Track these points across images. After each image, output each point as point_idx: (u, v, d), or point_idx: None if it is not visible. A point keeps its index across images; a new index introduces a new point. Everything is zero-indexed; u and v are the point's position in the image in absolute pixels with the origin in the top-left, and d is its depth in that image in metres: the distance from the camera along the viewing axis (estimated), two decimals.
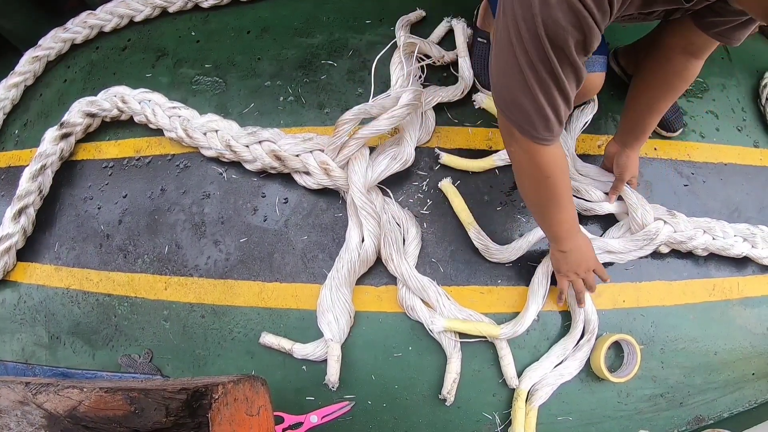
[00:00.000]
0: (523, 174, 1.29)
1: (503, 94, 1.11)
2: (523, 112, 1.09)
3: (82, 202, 1.95)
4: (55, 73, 2.23)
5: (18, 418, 1.00)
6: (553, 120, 1.10)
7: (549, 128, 1.12)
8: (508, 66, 1.04)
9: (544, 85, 1.03)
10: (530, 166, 1.23)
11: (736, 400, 1.72)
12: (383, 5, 2.05)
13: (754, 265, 1.80)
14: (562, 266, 1.54)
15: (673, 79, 1.42)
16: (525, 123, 1.12)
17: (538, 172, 1.23)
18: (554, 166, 1.23)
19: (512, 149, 1.23)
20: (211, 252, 1.79)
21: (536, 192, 1.32)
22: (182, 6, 2.15)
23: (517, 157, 1.24)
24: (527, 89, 1.04)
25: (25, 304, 1.90)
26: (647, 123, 1.56)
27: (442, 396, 1.58)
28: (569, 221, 1.43)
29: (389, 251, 1.63)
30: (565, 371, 1.60)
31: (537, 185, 1.28)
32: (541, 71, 1.00)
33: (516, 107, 1.10)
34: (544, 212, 1.40)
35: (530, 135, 1.14)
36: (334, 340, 1.60)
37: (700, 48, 1.33)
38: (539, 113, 1.08)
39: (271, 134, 1.74)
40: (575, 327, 1.64)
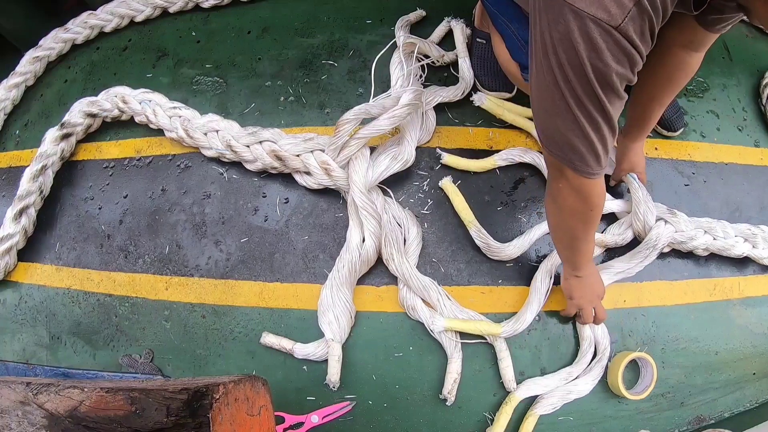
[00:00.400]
0: (566, 208, 1.28)
1: (552, 135, 1.11)
2: (576, 151, 1.10)
3: (83, 202, 1.95)
4: (56, 74, 2.23)
5: (19, 418, 1.00)
6: (603, 154, 1.11)
7: (600, 163, 1.13)
8: (555, 107, 1.04)
9: (595, 124, 1.03)
10: (578, 201, 1.23)
11: (737, 400, 1.72)
12: (383, 5, 2.05)
13: (755, 265, 1.80)
14: (576, 292, 1.55)
15: (675, 73, 1.43)
16: (578, 161, 1.12)
17: (585, 206, 1.25)
18: (599, 199, 1.25)
19: (561, 185, 1.23)
20: (212, 252, 1.79)
21: (575, 224, 1.33)
22: (183, 6, 2.15)
23: (564, 194, 1.24)
24: (579, 129, 1.05)
25: (26, 304, 1.90)
26: (650, 115, 1.57)
27: (442, 396, 1.58)
28: (591, 249, 1.46)
29: (390, 251, 1.63)
30: (574, 389, 1.60)
31: (579, 217, 1.30)
32: (591, 111, 1.01)
33: (568, 147, 1.10)
34: (573, 242, 1.41)
35: (582, 171, 1.15)
36: (334, 340, 1.60)
37: (701, 43, 1.34)
38: (592, 150, 1.09)
39: (271, 134, 1.74)
40: (584, 355, 1.63)
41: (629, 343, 1.69)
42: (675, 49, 1.37)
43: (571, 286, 1.56)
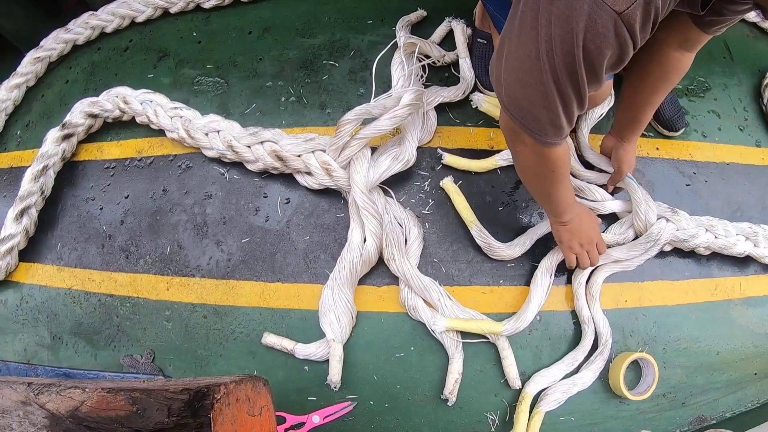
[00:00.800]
0: (527, 170, 1.33)
1: (520, 103, 1.10)
2: (538, 121, 1.11)
3: (84, 202, 1.95)
4: (57, 74, 2.24)
5: (20, 418, 1.00)
6: (566, 127, 1.12)
7: (560, 135, 1.14)
8: (531, 78, 1.03)
9: (566, 100, 1.04)
10: (538, 163, 1.25)
11: (738, 400, 1.71)
12: (384, 5, 2.05)
13: (756, 265, 1.80)
14: (564, 236, 1.56)
15: (669, 74, 1.43)
16: (538, 131, 1.13)
17: (546, 168, 1.27)
18: (560, 161, 1.26)
19: (518, 149, 1.25)
20: (213, 252, 1.79)
21: (540, 182, 1.36)
22: (184, 7, 2.15)
23: (524, 156, 1.26)
24: (548, 104, 1.05)
25: (27, 304, 1.90)
26: (643, 116, 1.58)
27: (444, 396, 1.58)
28: (568, 197, 1.47)
29: (391, 251, 1.63)
30: (579, 381, 1.60)
31: (542, 177, 1.32)
32: (567, 88, 1.01)
33: (532, 117, 1.11)
34: (545, 195, 1.44)
35: (541, 141, 1.16)
36: (336, 341, 1.60)
37: (696, 43, 1.34)
38: (555, 124, 1.10)
39: (272, 134, 1.74)
40: (585, 339, 1.64)
41: (630, 344, 1.68)
42: (668, 49, 1.37)
43: (558, 231, 1.58)
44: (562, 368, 1.62)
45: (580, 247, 1.57)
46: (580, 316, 1.66)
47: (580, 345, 1.64)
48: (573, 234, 1.55)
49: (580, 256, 1.58)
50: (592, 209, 1.71)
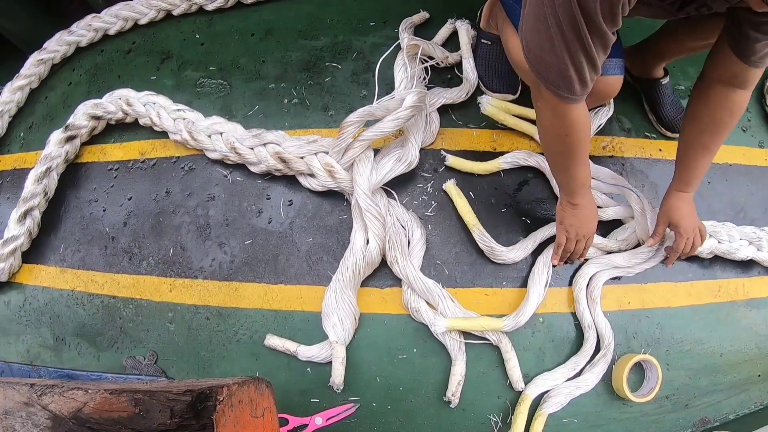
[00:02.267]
0: (546, 127, 1.35)
1: (534, 50, 1.15)
2: (550, 69, 1.15)
3: (87, 204, 1.96)
4: (60, 76, 2.24)
5: (23, 419, 1.00)
6: (576, 80, 1.15)
7: (571, 88, 1.17)
8: (538, 23, 1.08)
9: (570, 47, 1.08)
10: (553, 121, 1.29)
11: (741, 402, 1.71)
12: (387, 7, 2.05)
13: (759, 267, 1.80)
14: (568, 219, 1.54)
15: (719, 112, 1.39)
16: (551, 80, 1.18)
17: (561, 128, 1.29)
18: (576, 125, 1.28)
19: (539, 104, 1.31)
20: (216, 254, 1.79)
21: (556, 145, 1.38)
22: (186, 9, 2.15)
23: (542, 112, 1.31)
24: (555, 49, 1.09)
25: (30, 305, 1.90)
26: (696, 163, 1.51)
27: (446, 398, 1.58)
28: (584, 178, 1.46)
29: (394, 253, 1.63)
30: (582, 384, 1.60)
31: (558, 140, 1.34)
32: (569, 33, 1.05)
33: (543, 64, 1.15)
34: (561, 163, 1.44)
35: (554, 92, 1.20)
36: (338, 342, 1.60)
37: (744, 79, 1.32)
38: (563, 73, 1.14)
39: (275, 136, 1.74)
40: (586, 343, 1.64)
41: (634, 345, 1.68)
42: (718, 86, 1.36)
43: (564, 213, 1.54)
44: (564, 372, 1.61)
45: (576, 236, 1.55)
46: (581, 321, 1.66)
47: (582, 349, 1.63)
48: (576, 220, 1.53)
49: (570, 242, 1.56)
50: None
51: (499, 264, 1.71)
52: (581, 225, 1.54)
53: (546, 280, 1.64)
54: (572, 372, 1.62)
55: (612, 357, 1.63)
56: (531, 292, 1.63)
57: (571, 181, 1.46)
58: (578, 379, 1.61)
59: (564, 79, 1.15)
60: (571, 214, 1.53)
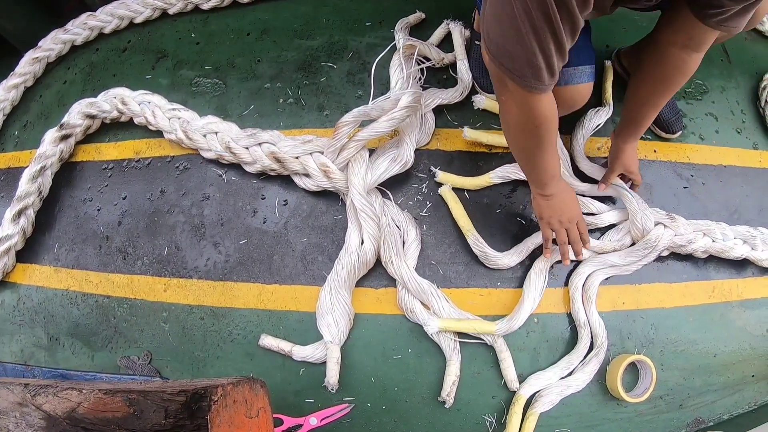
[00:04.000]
0: (512, 122, 1.29)
1: (496, 40, 1.11)
2: (516, 59, 1.10)
3: (82, 203, 1.95)
4: (55, 75, 2.23)
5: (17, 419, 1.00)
6: (544, 69, 1.10)
7: (539, 77, 1.12)
8: (503, 12, 1.03)
9: (539, 33, 1.02)
10: (521, 114, 1.24)
11: (735, 402, 1.72)
12: (383, 7, 2.05)
13: (753, 267, 1.80)
14: (545, 211, 1.54)
15: (673, 74, 1.41)
16: (517, 71, 1.12)
17: (528, 121, 1.25)
18: (545, 115, 1.24)
19: (503, 98, 1.25)
20: (211, 254, 1.79)
21: (524, 139, 1.34)
22: (182, 8, 2.15)
23: (507, 106, 1.25)
24: (521, 36, 1.04)
25: (24, 305, 1.90)
26: (644, 117, 1.56)
27: (441, 398, 1.58)
28: (553, 167, 1.45)
29: (389, 253, 1.64)
30: (573, 383, 1.60)
31: (526, 133, 1.30)
32: (537, 18, 1.00)
33: (508, 55, 1.10)
34: (529, 157, 1.41)
35: (522, 83, 1.14)
36: (333, 342, 1.60)
37: (700, 41, 1.32)
38: (531, 61, 1.08)
39: (270, 136, 1.74)
40: (581, 342, 1.64)
41: (628, 346, 1.69)
42: (674, 51, 1.36)
43: (539, 206, 1.55)
44: (557, 371, 1.62)
45: (560, 225, 1.54)
46: (576, 320, 1.66)
47: (576, 348, 1.64)
48: (554, 210, 1.53)
49: (558, 233, 1.56)
50: (589, 223, 1.71)
51: (492, 267, 1.71)
52: (562, 212, 1.53)
53: (542, 285, 1.64)
54: (565, 371, 1.62)
55: (605, 356, 1.63)
56: (526, 296, 1.63)
57: (542, 174, 1.45)
58: (569, 378, 1.61)
59: (532, 68, 1.10)
60: (547, 205, 1.52)
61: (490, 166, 1.78)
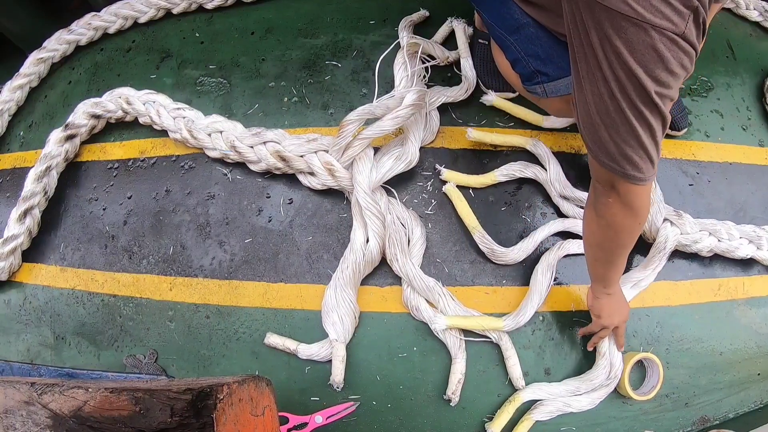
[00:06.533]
0: (615, 225, 1.23)
1: (606, 147, 1.06)
2: (631, 161, 1.06)
3: (87, 203, 1.96)
4: (60, 75, 2.24)
5: (23, 418, 1.00)
6: (657, 157, 1.08)
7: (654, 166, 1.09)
8: (610, 119, 1.01)
9: (652, 130, 1.01)
10: (628, 215, 1.19)
11: (741, 401, 1.71)
12: (387, 6, 2.05)
13: (759, 265, 1.80)
14: (605, 310, 1.51)
15: None
16: (632, 170, 1.08)
17: (635, 220, 1.21)
18: (648, 208, 1.22)
19: (611, 200, 1.18)
20: (216, 253, 1.79)
21: (621, 241, 1.29)
22: (186, 7, 2.15)
23: (614, 209, 1.19)
24: (636, 139, 1.02)
25: (30, 304, 1.90)
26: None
27: (446, 396, 1.58)
28: (623, 268, 1.42)
29: (394, 251, 1.63)
30: (576, 404, 1.59)
31: (626, 233, 1.25)
32: (649, 119, 0.99)
33: (623, 158, 1.06)
34: (613, 260, 1.37)
35: (636, 180, 1.09)
36: (338, 341, 1.60)
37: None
38: (648, 157, 1.06)
39: (275, 135, 1.74)
40: (597, 369, 1.61)
41: (633, 344, 1.68)
42: None
43: (601, 305, 1.51)
44: (562, 390, 1.60)
45: (615, 323, 1.53)
46: (598, 348, 1.63)
47: (588, 374, 1.62)
48: (615, 307, 1.50)
49: (617, 333, 1.55)
50: None
51: (499, 264, 1.71)
52: (620, 310, 1.52)
53: (549, 281, 1.64)
54: (569, 394, 1.61)
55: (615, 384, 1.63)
56: (532, 292, 1.63)
57: (615, 273, 1.42)
58: (574, 398, 1.60)
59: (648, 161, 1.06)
60: (608, 302, 1.50)
61: (496, 164, 1.77)
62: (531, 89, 1.56)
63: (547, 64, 1.48)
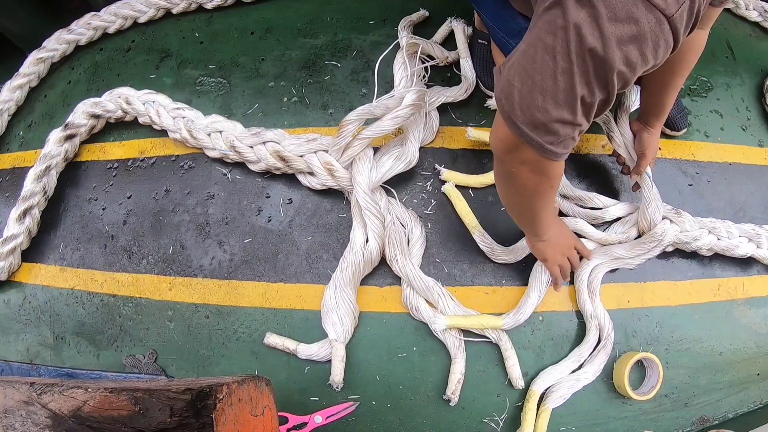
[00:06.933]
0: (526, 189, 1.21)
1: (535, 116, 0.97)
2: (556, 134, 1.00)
3: (87, 203, 1.96)
4: (60, 75, 2.24)
5: (23, 418, 1.00)
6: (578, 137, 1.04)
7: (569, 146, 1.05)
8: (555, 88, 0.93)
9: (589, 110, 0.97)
10: (538, 181, 1.16)
11: (740, 401, 1.71)
12: (387, 6, 2.05)
13: (759, 265, 1.80)
14: (548, 253, 1.54)
15: (686, 53, 1.41)
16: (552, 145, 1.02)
17: (547, 184, 1.19)
18: (560, 175, 1.21)
19: (515, 169, 1.13)
20: (216, 252, 1.79)
21: (534, 202, 1.29)
22: (186, 7, 2.15)
23: (524, 175, 1.14)
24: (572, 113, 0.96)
25: (30, 304, 1.90)
26: (666, 99, 1.57)
27: (446, 396, 1.58)
28: (552, 216, 1.46)
29: (393, 252, 1.63)
30: (582, 376, 1.60)
31: (538, 196, 1.25)
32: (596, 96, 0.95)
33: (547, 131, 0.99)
34: (532, 216, 1.39)
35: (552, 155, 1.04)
36: (338, 341, 1.60)
37: (708, 18, 1.32)
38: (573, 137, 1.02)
39: (275, 135, 1.74)
40: (589, 333, 1.64)
41: (633, 344, 1.68)
42: None
43: (540, 251, 1.54)
44: (569, 365, 1.61)
45: (563, 258, 1.55)
46: (583, 311, 1.65)
47: (585, 340, 1.64)
48: (554, 248, 1.53)
49: (563, 267, 1.56)
50: (596, 218, 1.71)
51: (499, 262, 1.71)
52: (561, 246, 1.55)
53: (547, 279, 1.64)
54: (575, 364, 1.62)
55: (612, 351, 1.63)
56: (531, 290, 1.63)
57: (541, 225, 1.44)
58: (579, 372, 1.61)
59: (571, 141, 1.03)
60: (546, 247, 1.53)
61: None
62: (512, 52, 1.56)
63: None
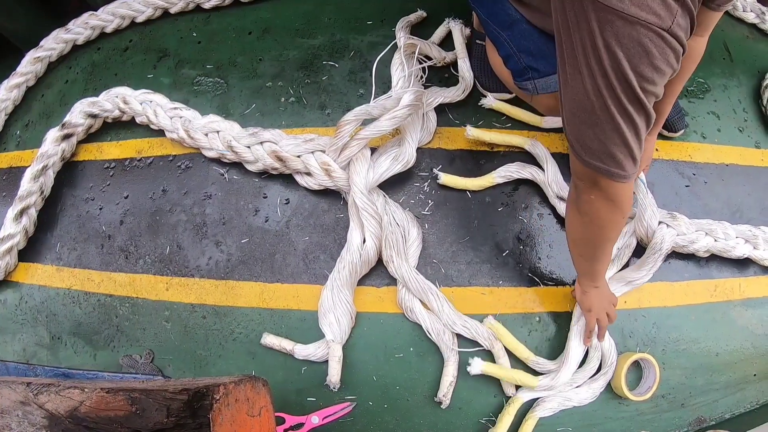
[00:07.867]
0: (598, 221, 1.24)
1: (590, 145, 1.07)
2: (615, 158, 1.06)
3: (84, 202, 1.95)
4: (57, 74, 2.23)
5: (19, 418, 1.00)
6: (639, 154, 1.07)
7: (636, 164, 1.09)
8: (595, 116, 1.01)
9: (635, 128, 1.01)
10: (610, 210, 1.20)
11: (737, 401, 1.72)
12: (384, 6, 2.05)
13: (755, 266, 1.80)
14: (594, 302, 1.52)
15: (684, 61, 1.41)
16: (615, 167, 1.08)
17: (618, 214, 1.21)
18: (631, 202, 1.22)
19: (593, 197, 1.18)
20: (213, 253, 1.79)
21: (605, 235, 1.30)
22: (183, 7, 2.15)
23: (596, 205, 1.20)
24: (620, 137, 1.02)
25: (26, 304, 1.90)
26: (663, 108, 1.57)
27: (438, 399, 1.58)
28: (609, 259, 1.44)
29: (390, 252, 1.63)
30: (576, 398, 1.59)
31: (610, 228, 1.26)
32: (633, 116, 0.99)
33: (607, 155, 1.06)
34: (598, 254, 1.38)
35: (618, 177, 1.10)
36: (335, 341, 1.60)
37: (706, 25, 1.32)
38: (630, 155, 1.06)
39: (272, 135, 1.74)
40: (590, 362, 1.62)
41: (630, 345, 1.68)
42: None
43: (590, 299, 1.52)
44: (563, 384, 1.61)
45: (603, 312, 1.53)
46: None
47: (583, 368, 1.62)
48: (601, 298, 1.51)
49: (601, 321, 1.54)
50: None
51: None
52: (606, 301, 1.53)
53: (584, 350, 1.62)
54: (567, 387, 1.61)
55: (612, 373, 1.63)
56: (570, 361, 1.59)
57: (601, 267, 1.43)
58: (572, 391, 1.60)
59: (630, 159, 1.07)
60: (596, 295, 1.51)
61: (492, 165, 1.78)
62: (522, 85, 1.57)
63: (537, 60, 1.50)
